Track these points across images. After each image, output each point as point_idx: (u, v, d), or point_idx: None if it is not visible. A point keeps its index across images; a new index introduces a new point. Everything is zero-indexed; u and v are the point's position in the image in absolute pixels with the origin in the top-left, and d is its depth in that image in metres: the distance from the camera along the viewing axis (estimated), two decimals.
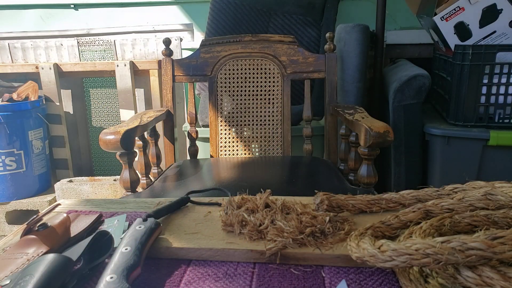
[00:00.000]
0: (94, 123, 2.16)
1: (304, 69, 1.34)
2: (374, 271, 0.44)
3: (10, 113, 1.74)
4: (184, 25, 2.00)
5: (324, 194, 0.57)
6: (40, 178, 1.91)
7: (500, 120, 1.25)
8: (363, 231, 0.45)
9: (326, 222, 0.51)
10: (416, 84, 1.34)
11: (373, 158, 0.99)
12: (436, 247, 0.35)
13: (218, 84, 1.35)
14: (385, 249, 0.37)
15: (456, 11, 1.29)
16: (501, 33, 1.27)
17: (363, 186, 1.01)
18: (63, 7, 2.03)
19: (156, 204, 0.67)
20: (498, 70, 1.21)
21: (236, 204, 0.57)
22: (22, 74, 2.03)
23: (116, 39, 2.01)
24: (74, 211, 0.64)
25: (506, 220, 0.45)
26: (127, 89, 1.96)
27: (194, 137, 1.39)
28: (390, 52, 1.85)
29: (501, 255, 0.34)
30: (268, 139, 1.37)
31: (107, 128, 0.98)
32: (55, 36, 2.04)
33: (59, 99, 1.99)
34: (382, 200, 0.57)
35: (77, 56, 2.05)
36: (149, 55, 2.02)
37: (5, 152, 1.77)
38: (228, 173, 1.14)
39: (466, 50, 1.22)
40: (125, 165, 1.02)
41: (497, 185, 0.53)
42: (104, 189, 1.82)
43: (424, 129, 1.36)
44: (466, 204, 0.49)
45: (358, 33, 1.59)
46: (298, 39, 1.49)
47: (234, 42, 1.34)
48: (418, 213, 0.49)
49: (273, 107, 1.36)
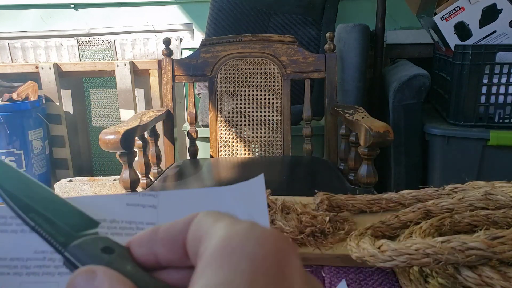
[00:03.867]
0: (94, 123, 2.16)
1: (304, 69, 1.34)
2: (374, 271, 0.44)
3: (10, 113, 1.74)
4: (184, 25, 2.00)
5: (324, 194, 0.57)
6: (40, 178, 1.91)
7: (500, 120, 1.25)
8: (363, 231, 0.45)
9: (326, 222, 0.51)
10: (416, 84, 1.34)
11: (373, 158, 0.99)
12: (436, 247, 0.35)
13: (218, 84, 1.35)
14: (385, 249, 0.37)
15: (456, 11, 1.29)
16: (501, 33, 1.27)
17: (363, 186, 1.01)
18: (63, 7, 2.03)
19: None
20: (498, 70, 1.21)
21: None
22: (22, 74, 2.03)
23: (116, 39, 2.01)
24: None
25: (506, 220, 0.45)
26: (127, 89, 1.96)
27: (194, 137, 1.39)
28: (390, 52, 1.85)
29: (501, 255, 0.34)
30: (268, 139, 1.37)
31: (107, 128, 0.98)
32: (55, 36, 2.04)
33: (59, 99, 1.99)
34: (382, 200, 0.57)
35: (77, 56, 2.05)
36: (149, 55, 2.02)
37: (5, 152, 1.77)
38: (228, 173, 1.14)
39: (466, 50, 1.22)
40: (125, 165, 1.02)
41: (497, 185, 0.53)
42: (104, 189, 1.82)
43: (424, 129, 1.36)
44: (466, 204, 0.49)
45: (358, 33, 1.59)
46: (298, 39, 1.49)
47: (234, 42, 1.34)
48: (418, 213, 0.49)
49: (273, 107, 1.36)
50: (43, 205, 0.22)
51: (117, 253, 0.19)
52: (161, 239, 0.19)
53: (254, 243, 0.16)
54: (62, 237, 0.20)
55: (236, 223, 0.17)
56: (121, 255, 0.19)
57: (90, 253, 0.19)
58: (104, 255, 0.19)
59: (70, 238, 0.20)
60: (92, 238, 0.21)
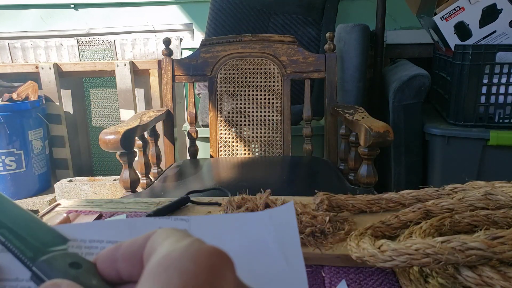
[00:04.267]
0: (94, 123, 2.16)
1: (304, 69, 1.34)
2: (374, 271, 0.44)
3: (10, 113, 1.74)
4: (184, 25, 2.00)
5: (324, 194, 0.57)
6: (40, 178, 1.91)
7: (500, 120, 1.25)
8: (363, 231, 0.45)
9: (326, 222, 0.51)
10: (416, 84, 1.34)
11: (373, 158, 0.99)
12: (436, 247, 0.35)
13: (218, 84, 1.35)
14: (385, 249, 0.37)
15: (456, 11, 1.29)
16: (501, 33, 1.27)
17: (363, 186, 1.01)
18: (63, 7, 2.03)
19: (156, 204, 0.67)
20: (498, 70, 1.21)
21: (236, 204, 0.57)
22: (22, 74, 2.03)
23: (116, 39, 2.01)
24: (74, 211, 0.64)
25: (506, 220, 0.45)
26: (127, 89, 1.96)
27: (194, 137, 1.39)
28: (390, 52, 1.85)
29: (501, 255, 0.34)
30: (268, 139, 1.37)
31: (107, 128, 0.98)
32: (55, 36, 2.04)
33: (59, 99, 1.99)
34: (382, 200, 0.57)
35: (77, 56, 2.05)
36: (149, 55, 2.02)
37: (5, 152, 1.77)
38: (228, 173, 1.14)
39: (466, 50, 1.22)
40: (125, 165, 1.02)
41: (497, 185, 0.53)
42: (104, 189, 1.82)
43: (424, 129, 1.36)
44: (466, 204, 0.49)
45: (358, 33, 1.59)
46: (298, 39, 1.49)
47: (234, 42, 1.34)
48: (418, 213, 0.49)
49: (273, 107, 1.36)
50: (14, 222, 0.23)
51: (84, 268, 0.20)
52: (122, 255, 0.20)
53: (188, 260, 0.17)
54: (31, 252, 0.21)
55: (181, 240, 0.18)
56: (87, 270, 0.20)
57: (58, 268, 0.20)
58: (71, 270, 0.20)
59: (38, 254, 0.21)
60: (60, 253, 0.21)
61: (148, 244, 0.19)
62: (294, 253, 0.23)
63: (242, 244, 0.24)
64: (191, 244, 0.18)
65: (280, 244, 0.23)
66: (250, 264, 0.23)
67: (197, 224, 0.25)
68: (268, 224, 0.24)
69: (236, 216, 0.26)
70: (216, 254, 0.17)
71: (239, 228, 0.25)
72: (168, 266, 0.16)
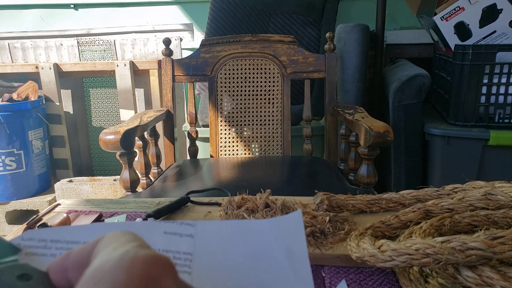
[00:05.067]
0: (94, 123, 2.16)
1: (304, 69, 1.34)
2: (374, 271, 0.44)
3: (10, 113, 1.74)
4: (184, 25, 2.00)
5: (324, 194, 0.57)
6: (40, 178, 1.91)
7: (500, 120, 1.25)
8: (363, 231, 0.45)
9: (326, 222, 0.51)
10: (416, 84, 1.34)
11: (373, 158, 0.99)
12: (436, 247, 0.35)
13: (218, 84, 1.35)
14: (385, 249, 0.37)
15: (456, 11, 1.29)
16: (501, 33, 1.27)
17: (363, 186, 1.01)
18: (63, 7, 2.03)
19: (156, 204, 0.67)
20: (498, 70, 1.21)
21: (236, 204, 0.57)
22: (22, 74, 2.03)
23: (116, 39, 2.01)
24: (74, 211, 0.64)
25: (506, 220, 0.45)
26: (127, 89, 1.96)
27: (194, 137, 1.39)
28: (390, 52, 1.85)
29: (501, 255, 0.34)
30: (268, 139, 1.37)
31: (107, 128, 0.98)
32: (55, 36, 2.04)
33: (59, 99, 1.99)
34: (382, 200, 0.57)
35: (77, 56, 2.05)
36: (149, 55, 2.02)
37: (5, 152, 1.77)
38: (228, 173, 1.14)
39: (466, 50, 1.22)
40: (125, 165, 1.02)
41: (497, 185, 0.53)
42: (104, 189, 1.82)
43: (424, 129, 1.36)
44: (466, 204, 0.49)
45: (358, 33, 1.59)
46: (298, 39, 1.49)
47: (234, 42, 1.34)
48: (418, 213, 0.49)
49: (273, 107, 1.36)
50: None
51: (34, 279, 0.19)
52: (71, 263, 0.20)
53: (121, 271, 0.16)
54: None
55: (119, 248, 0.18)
56: (39, 281, 0.19)
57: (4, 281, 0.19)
58: (19, 282, 0.19)
59: None
60: (8, 265, 0.20)
61: (94, 251, 0.19)
62: (302, 264, 0.23)
63: (249, 252, 0.24)
64: (126, 253, 0.17)
65: (288, 254, 0.23)
66: (256, 273, 0.23)
67: (203, 229, 0.25)
68: (276, 233, 0.24)
69: (243, 223, 0.25)
70: (152, 261, 0.17)
71: (245, 235, 0.24)
72: (99, 280, 0.16)
